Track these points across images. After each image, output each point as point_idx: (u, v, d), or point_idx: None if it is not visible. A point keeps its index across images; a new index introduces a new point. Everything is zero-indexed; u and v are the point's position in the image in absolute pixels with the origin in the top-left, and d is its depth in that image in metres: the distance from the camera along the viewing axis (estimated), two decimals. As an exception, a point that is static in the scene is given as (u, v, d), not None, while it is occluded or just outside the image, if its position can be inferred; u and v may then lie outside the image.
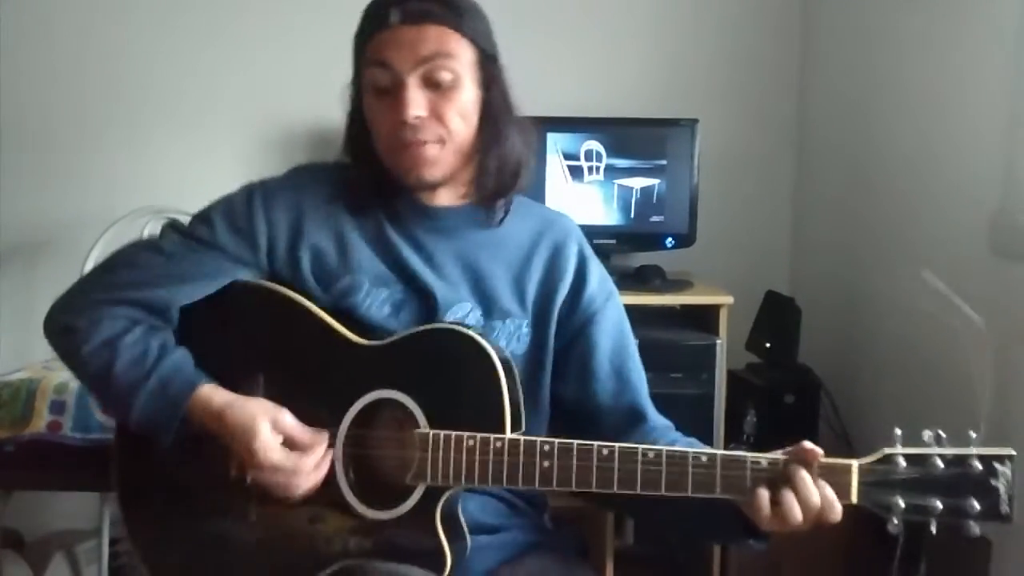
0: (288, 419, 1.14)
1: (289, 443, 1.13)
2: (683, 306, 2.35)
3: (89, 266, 1.78)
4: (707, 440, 2.20)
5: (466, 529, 1.13)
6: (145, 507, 1.27)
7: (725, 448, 2.22)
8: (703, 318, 2.28)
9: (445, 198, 1.27)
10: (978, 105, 1.92)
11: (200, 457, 1.18)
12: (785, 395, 2.26)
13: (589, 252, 1.33)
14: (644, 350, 1.35)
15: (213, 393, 1.16)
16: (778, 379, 2.30)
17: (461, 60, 1.18)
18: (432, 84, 1.17)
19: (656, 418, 1.27)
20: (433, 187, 1.24)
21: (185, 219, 1.30)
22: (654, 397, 1.30)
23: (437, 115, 1.18)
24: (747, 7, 2.69)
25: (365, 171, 1.25)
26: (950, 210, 2.01)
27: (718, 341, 2.22)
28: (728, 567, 2.21)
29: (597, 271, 1.31)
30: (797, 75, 2.72)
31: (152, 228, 2.12)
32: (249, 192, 1.26)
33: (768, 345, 2.36)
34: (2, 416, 2.00)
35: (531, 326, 1.26)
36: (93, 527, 2.33)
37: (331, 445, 1.15)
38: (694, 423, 1.12)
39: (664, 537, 2.16)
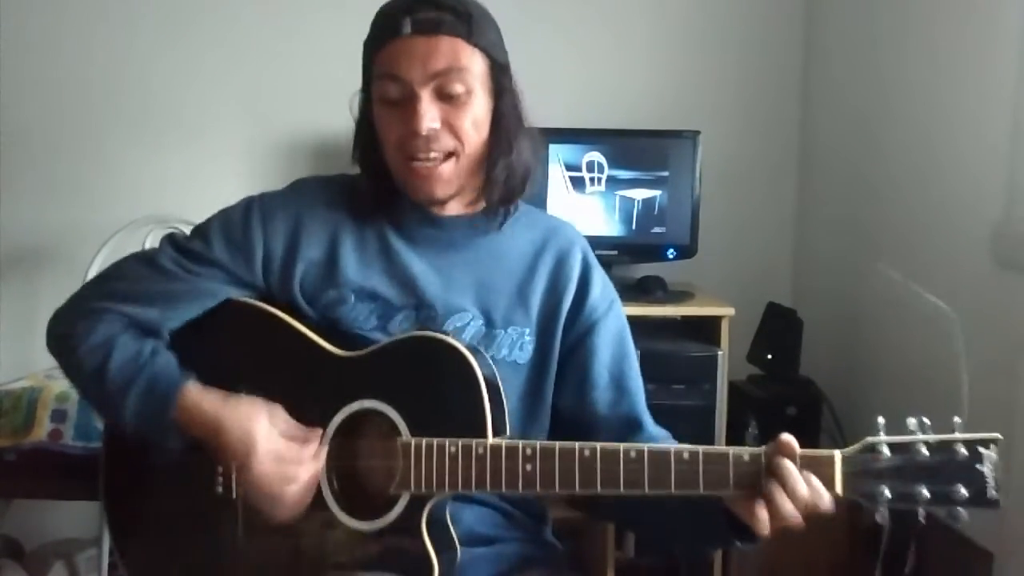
0: (281, 413, 1.15)
1: (285, 437, 1.13)
2: (684, 317, 2.35)
3: (91, 275, 1.78)
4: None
5: (456, 539, 1.12)
6: (131, 520, 1.27)
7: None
8: (704, 329, 2.28)
9: (452, 208, 1.27)
10: (981, 116, 1.92)
11: (185, 471, 1.18)
12: (787, 407, 2.26)
13: (593, 260, 1.32)
14: (645, 361, 1.35)
15: (202, 391, 1.16)
16: (780, 391, 2.30)
17: (473, 72, 1.17)
18: (444, 96, 1.16)
19: (653, 428, 1.27)
20: (443, 203, 1.24)
21: (188, 228, 1.30)
22: (655, 408, 1.30)
23: (450, 126, 1.17)
24: (750, 19, 2.69)
25: (373, 181, 1.24)
26: (953, 221, 2.01)
27: (719, 352, 2.22)
28: (729, 577, 2.21)
29: (600, 280, 1.31)
30: (800, 87, 2.72)
31: (155, 237, 2.12)
32: (247, 205, 1.26)
33: (770, 357, 2.36)
34: (3, 425, 2.00)
35: (535, 335, 1.26)
36: (93, 536, 2.33)
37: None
38: (695, 435, 1.11)
39: (663, 548, 2.14)
